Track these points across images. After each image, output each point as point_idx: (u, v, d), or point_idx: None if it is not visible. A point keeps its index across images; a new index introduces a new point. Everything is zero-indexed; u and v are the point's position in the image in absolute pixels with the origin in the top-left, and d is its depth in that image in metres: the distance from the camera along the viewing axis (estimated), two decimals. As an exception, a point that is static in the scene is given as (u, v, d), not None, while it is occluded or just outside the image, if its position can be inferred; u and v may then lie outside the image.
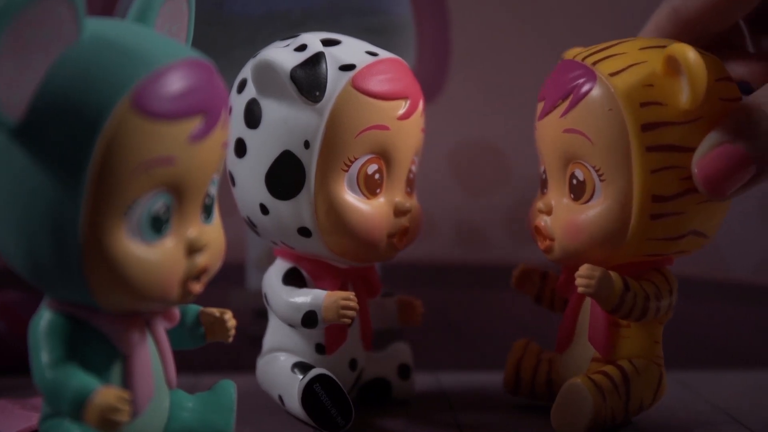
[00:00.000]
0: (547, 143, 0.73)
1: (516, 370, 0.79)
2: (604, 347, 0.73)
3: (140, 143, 0.50)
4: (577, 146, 0.70)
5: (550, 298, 0.80)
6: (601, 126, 0.68)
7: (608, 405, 0.70)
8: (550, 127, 0.72)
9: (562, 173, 0.72)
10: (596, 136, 0.68)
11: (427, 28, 0.95)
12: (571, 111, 0.70)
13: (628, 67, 0.68)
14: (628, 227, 0.68)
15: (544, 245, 0.73)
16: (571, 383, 0.71)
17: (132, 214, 0.51)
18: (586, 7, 0.96)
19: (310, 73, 0.69)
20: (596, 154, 0.69)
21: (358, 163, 0.71)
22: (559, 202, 0.72)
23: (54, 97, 0.50)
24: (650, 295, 0.70)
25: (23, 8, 0.47)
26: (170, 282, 0.53)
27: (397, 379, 0.79)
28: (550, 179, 0.73)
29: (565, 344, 0.76)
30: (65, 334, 0.54)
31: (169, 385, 0.60)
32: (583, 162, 0.70)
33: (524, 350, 0.79)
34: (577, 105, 0.69)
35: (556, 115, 0.71)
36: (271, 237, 0.74)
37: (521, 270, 0.80)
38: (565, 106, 0.70)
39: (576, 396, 0.70)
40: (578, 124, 0.69)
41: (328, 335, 0.74)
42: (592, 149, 0.69)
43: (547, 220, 0.73)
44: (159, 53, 0.52)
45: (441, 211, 0.96)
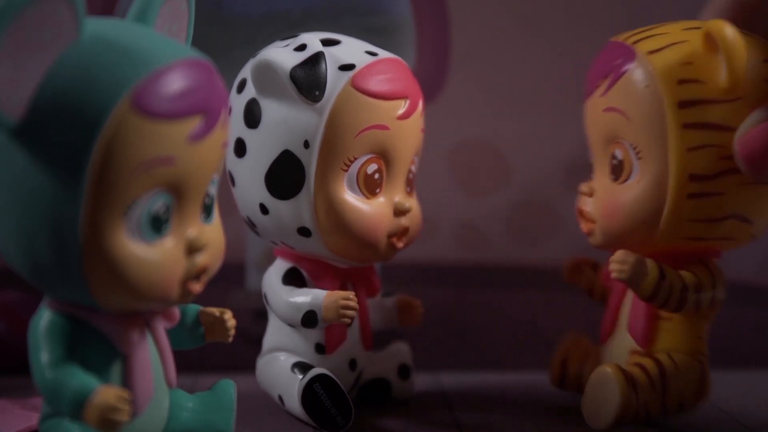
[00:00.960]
0: (591, 124, 0.73)
1: (562, 363, 0.78)
2: (642, 338, 0.72)
3: (140, 143, 0.50)
4: (616, 125, 0.69)
5: (602, 290, 0.79)
6: (638, 103, 0.68)
7: (641, 398, 0.69)
8: (593, 107, 0.72)
9: (605, 154, 0.71)
10: (633, 113, 0.68)
11: (427, 28, 0.95)
12: (611, 89, 0.69)
13: (667, 46, 0.68)
14: (665, 206, 0.68)
15: (587, 228, 0.72)
16: (599, 371, 0.70)
17: (132, 213, 0.51)
18: (587, 8, 0.96)
19: (309, 72, 0.69)
20: (633, 132, 0.68)
21: (357, 162, 0.71)
22: (601, 183, 0.72)
23: (54, 97, 0.50)
24: (689, 286, 0.69)
25: (23, 8, 0.47)
26: (170, 282, 0.53)
27: (397, 379, 0.79)
28: (595, 162, 0.73)
29: (607, 335, 0.75)
30: (65, 334, 0.54)
31: (169, 385, 0.60)
32: (621, 140, 0.69)
33: (573, 344, 0.79)
34: (616, 83, 0.69)
35: (597, 95, 0.71)
36: (270, 237, 0.74)
37: (572, 263, 0.79)
38: (605, 85, 0.70)
39: (603, 384, 0.69)
40: (617, 102, 0.69)
41: (327, 335, 0.74)
42: (630, 126, 0.68)
43: (589, 202, 0.72)
44: (159, 53, 0.52)
45: (441, 211, 0.96)
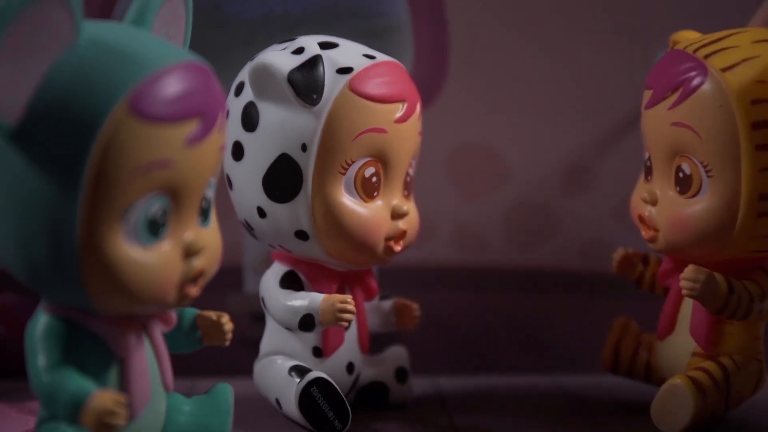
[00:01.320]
0: (654, 134, 0.72)
1: (615, 349, 0.79)
2: (706, 342, 0.72)
3: (137, 146, 0.50)
4: (685, 140, 0.69)
5: (651, 282, 0.79)
6: (710, 122, 0.68)
7: (709, 403, 0.70)
8: (658, 118, 0.71)
9: (669, 165, 0.71)
10: (705, 132, 0.68)
11: (425, 31, 0.95)
12: (681, 104, 0.69)
13: (740, 62, 0.68)
14: (735, 224, 0.68)
15: (648, 235, 0.73)
16: (672, 384, 0.70)
17: (129, 217, 0.51)
18: (585, 11, 0.96)
19: (307, 76, 0.69)
20: (704, 150, 0.68)
21: (355, 166, 0.71)
22: (665, 193, 0.72)
23: (51, 100, 0.49)
24: (755, 297, 0.70)
25: (20, 11, 0.47)
26: (167, 285, 0.53)
27: (395, 382, 0.79)
28: (656, 169, 0.73)
29: (666, 332, 0.76)
30: (62, 338, 0.54)
31: (166, 389, 0.60)
32: (690, 156, 0.70)
33: (624, 329, 0.80)
34: (686, 99, 0.69)
35: (664, 106, 0.71)
36: (268, 240, 0.74)
37: (622, 255, 0.80)
38: (674, 98, 0.70)
39: (677, 397, 0.70)
40: (687, 119, 0.69)
41: (325, 338, 0.74)
42: (701, 144, 0.68)
43: (652, 210, 0.73)
44: (156, 56, 0.52)
45: (438, 214, 0.96)
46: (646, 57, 0.96)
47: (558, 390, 0.86)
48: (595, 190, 0.97)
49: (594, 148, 0.97)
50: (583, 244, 0.98)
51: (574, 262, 0.98)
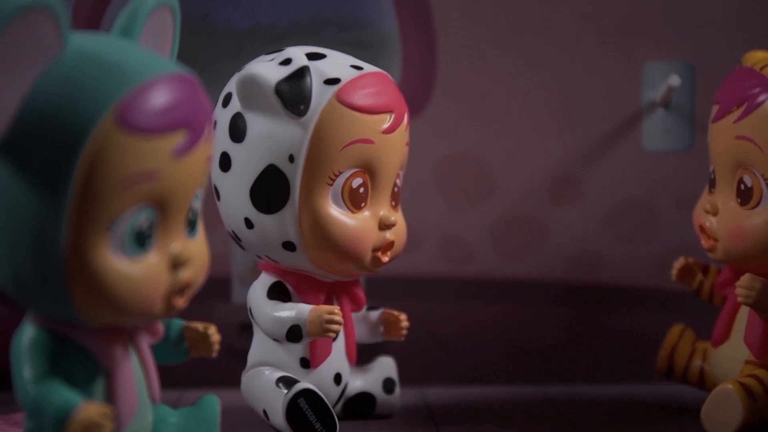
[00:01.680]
0: (719, 147, 0.75)
1: (671, 355, 0.81)
2: (759, 351, 0.74)
3: (124, 158, 0.50)
4: (747, 153, 0.72)
5: (710, 291, 0.81)
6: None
7: (759, 408, 0.72)
8: (723, 131, 0.74)
9: (731, 177, 0.74)
10: (767, 146, 0.71)
11: (413, 43, 0.96)
12: (745, 118, 0.72)
13: None
14: None
15: (708, 245, 0.75)
16: (722, 388, 0.72)
17: (115, 229, 0.51)
18: (572, 23, 0.97)
19: (294, 87, 0.69)
20: (766, 163, 0.71)
21: (342, 176, 0.71)
22: (726, 204, 0.74)
23: (37, 112, 0.49)
24: None
25: (6, 23, 0.47)
26: (153, 297, 0.53)
27: (382, 393, 0.79)
28: (719, 181, 0.75)
29: (721, 340, 0.78)
30: (48, 350, 0.53)
31: (153, 400, 0.59)
32: (752, 169, 0.72)
33: (680, 336, 0.82)
34: (751, 113, 0.72)
35: (729, 120, 0.73)
36: (255, 251, 0.74)
37: (683, 264, 0.81)
38: (739, 113, 0.72)
39: (727, 401, 0.71)
40: (751, 132, 0.72)
41: (312, 349, 0.74)
42: (763, 158, 0.71)
43: (712, 220, 0.75)
44: (142, 68, 0.52)
45: (426, 224, 0.96)
46: (632, 69, 0.97)
47: (545, 401, 0.86)
48: (582, 201, 0.97)
49: (581, 159, 0.97)
50: (570, 255, 0.98)
51: (562, 273, 0.98)
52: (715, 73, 0.86)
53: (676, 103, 0.97)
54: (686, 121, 0.96)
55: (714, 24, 0.96)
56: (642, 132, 0.97)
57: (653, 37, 0.96)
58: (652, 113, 0.97)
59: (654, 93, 0.97)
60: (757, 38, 0.94)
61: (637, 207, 0.97)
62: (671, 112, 0.97)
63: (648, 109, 0.97)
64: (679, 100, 0.97)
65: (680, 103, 0.97)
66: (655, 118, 0.97)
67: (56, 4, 0.49)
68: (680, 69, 0.96)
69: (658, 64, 0.97)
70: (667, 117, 0.97)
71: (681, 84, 0.95)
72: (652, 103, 0.97)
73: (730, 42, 0.96)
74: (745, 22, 0.96)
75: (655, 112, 0.97)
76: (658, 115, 0.97)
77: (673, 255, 0.83)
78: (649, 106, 0.97)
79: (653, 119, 0.97)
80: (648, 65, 0.97)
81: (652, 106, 0.97)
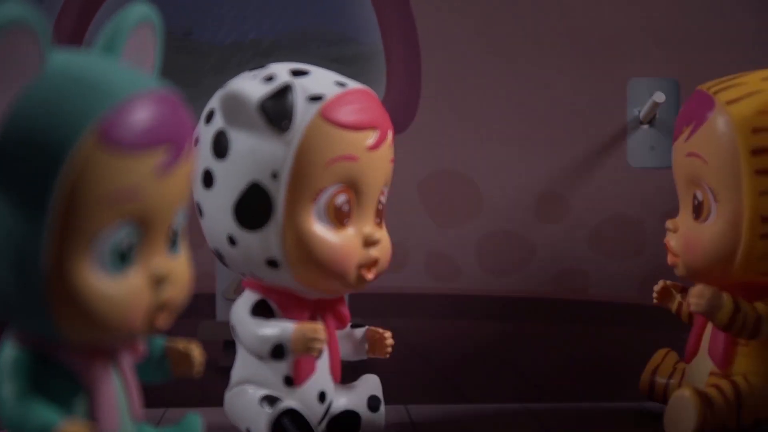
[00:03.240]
0: (676, 167, 0.78)
1: (652, 376, 0.83)
2: (720, 362, 0.77)
3: (104, 176, 0.49)
4: (697, 169, 0.75)
5: (688, 312, 0.83)
6: (715, 149, 0.73)
7: (717, 415, 0.74)
8: (678, 151, 0.77)
9: (687, 194, 0.77)
10: (711, 159, 0.74)
11: (398, 59, 0.96)
12: (693, 136, 0.75)
13: (745, 96, 0.73)
14: (740, 245, 0.73)
15: (672, 261, 0.78)
16: (678, 394, 0.75)
17: (96, 246, 0.51)
18: (558, 39, 0.97)
19: (278, 104, 0.69)
20: (711, 176, 0.74)
21: (326, 193, 0.70)
22: (684, 222, 0.77)
23: (18, 130, 0.49)
24: (763, 317, 0.74)
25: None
26: (135, 314, 0.53)
27: (367, 411, 0.79)
28: (681, 201, 0.78)
29: (692, 355, 0.80)
30: (29, 369, 0.53)
31: (135, 419, 0.59)
32: (702, 183, 0.75)
33: (663, 358, 0.84)
34: (697, 130, 0.74)
35: (681, 140, 0.77)
36: (239, 268, 0.73)
37: (661, 286, 0.83)
38: (688, 131, 0.75)
39: (682, 406, 0.74)
40: (697, 148, 0.75)
41: (296, 367, 0.74)
42: (708, 171, 0.74)
43: (673, 237, 0.78)
44: (123, 86, 0.51)
45: (412, 241, 0.96)
46: (617, 87, 0.97)
47: (531, 418, 0.86)
48: (568, 218, 0.97)
49: (566, 175, 0.97)
50: (557, 271, 0.98)
51: (548, 289, 0.98)
52: (699, 90, 0.86)
53: (661, 120, 0.97)
54: (671, 138, 0.96)
55: (698, 41, 0.97)
56: (627, 148, 0.97)
57: (638, 54, 0.97)
58: (637, 130, 0.97)
59: (639, 109, 0.97)
60: (739, 55, 0.94)
61: (623, 223, 0.97)
62: (656, 128, 0.97)
63: (633, 125, 0.97)
64: (664, 117, 0.97)
65: (665, 120, 0.97)
66: (640, 134, 0.97)
67: (37, 22, 0.49)
68: (665, 85, 0.96)
69: (643, 80, 0.97)
70: (652, 134, 0.97)
71: (665, 100, 0.95)
72: (636, 120, 0.97)
73: (714, 58, 0.96)
74: (728, 39, 0.96)
75: (639, 129, 0.97)
76: (643, 131, 0.97)
77: (659, 271, 0.83)
78: (633, 123, 0.97)
79: (638, 136, 0.97)
80: (633, 81, 0.97)
81: (637, 123, 0.97)
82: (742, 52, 0.94)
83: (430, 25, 0.96)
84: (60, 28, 0.90)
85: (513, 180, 0.98)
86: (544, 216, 0.98)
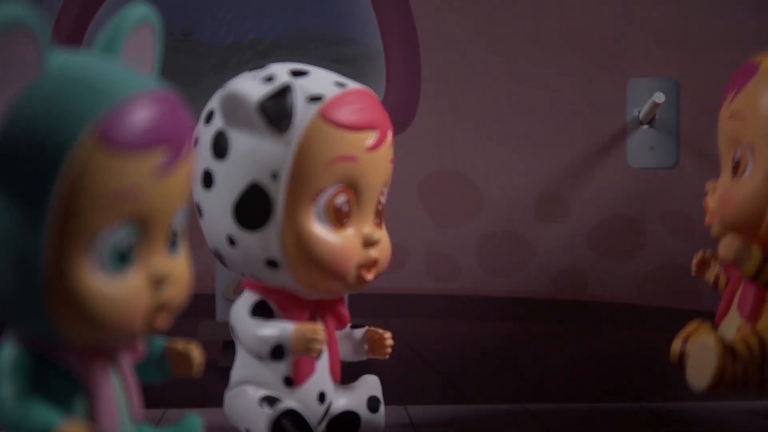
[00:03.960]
0: (720, 132, 0.79)
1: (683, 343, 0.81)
2: (749, 315, 0.76)
3: (104, 176, 0.49)
4: (737, 128, 0.76)
5: (726, 282, 0.82)
6: (754, 105, 0.74)
7: (738, 366, 0.73)
8: (722, 118, 0.78)
9: (728, 156, 0.77)
10: (750, 114, 0.74)
11: (397, 59, 0.96)
12: (735, 98, 0.76)
13: None
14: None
15: (708, 221, 0.78)
16: (700, 338, 0.75)
17: (95, 246, 0.51)
18: (558, 39, 0.97)
19: (277, 104, 0.69)
20: (750, 131, 0.74)
21: (326, 194, 0.70)
22: (723, 182, 0.78)
23: (17, 131, 0.49)
24: None
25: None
26: (134, 314, 0.53)
27: (367, 412, 0.79)
28: (723, 165, 0.78)
29: (722, 316, 0.80)
30: (28, 369, 0.53)
31: (135, 420, 0.59)
32: (741, 141, 0.75)
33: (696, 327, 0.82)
34: (740, 92, 0.76)
35: (726, 105, 0.77)
36: (239, 269, 0.73)
37: (700, 257, 0.83)
38: (732, 95, 0.76)
39: (702, 350, 0.74)
40: (739, 107, 0.76)
41: (296, 368, 0.74)
42: (747, 127, 0.75)
43: (712, 198, 0.78)
44: (122, 86, 0.51)
45: (412, 241, 0.96)
46: (617, 87, 0.97)
47: (531, 419, 0.86)
48: (567, 218, 0.97)
49: (566, 176, 0.97)
50: (557, 272, 0.98)
51: (548, 289, 0.98)
52: (699, 89, 0.86)
53: (661, 120, 0.97)
54: (671, 138, 0.96)
55: (698, 41, 0.97)
56: (627, 149, 0.97)
57: (638, 54, 0.97)
58: (637, 130, 0.97)
59: (639, 110, 0.97)
60: (740, 55, 0.94)
61: (623, 223, 0.97)
62: (656, 128, 0.97)
63: (633, 126, 0.97)
64: (664, 117, 0.97)
65: (665, 120, 0.97)
66: (640, 135, 0.97)
67: (36, 23, 0.49)
68: (665, 86, 0.96)
69: (643, 80, 0.97)
70: (652, 134, 0.97)
71: (665, 101, 0.95)
72: (636, 120, 0.97)
73: (714, 58, 0.96)
74: (728, 39, 0.96)
75: (639, 129, 0.97)
76: (642, 132, 0.97)
77: (659, 271, 0.83)
78: (633, 123, 0.97)
79: (638, 136, 0.97)
80: (632, 82, 0.97)
81: (637, 123, 0.97)
82: (742, 52, 0.94)
83: (430, 25, 0.96)
84: (59, 28, 0.90)
85: (513, 180, 0.98)
86: (544, 216, 0.98)
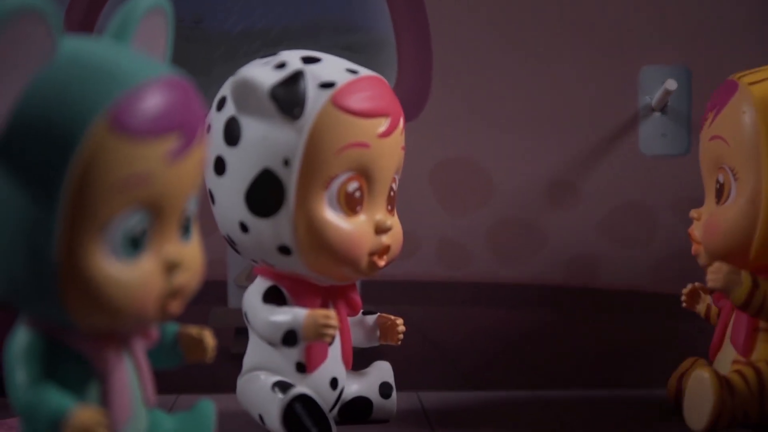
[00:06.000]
0: (701, 155, 0.78)
1: (679, 382, 0.82)
2: (743, 348, 0.76)
3: (116, 162, 0.50)
4: (719, 151, 0.75)
5: (717, 314, 0.82)
6: (736, 129, 0.73)
7: (738, 402, 0.73)
8: (702, 139, 0.77)
9: (711, 180, 0.77)
10: (732, 138, 0.73)
11: (408, 46, 0.95)
12: (716, 119, 0.75)
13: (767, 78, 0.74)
14: (758, 224, 0.73)
15: (695, 250, 0.77)
16: (695, 374, 0.74)
17: (108, 232, 0.51)
18: (569, 27, 0.97)
19: (289, 90, 0.69)
20: (732, 155, 0.73)
21: (338, 180, 0.70)
22: (707, 208, 0.77)
23: (29, 117, 0.49)
24: None
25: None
26: (147, 300, 0.53)
27: (379, 398, 0.79)
28: (706, 189, 0.78)
29: (716, 350, 0.79)
30: (42, 354, 0.53)
31: (148, 405, 0.59)
32: (723, 165, 0.75)
33: (691, 365, 0.82)
34: (720, 113, 0.75)
35: (706, 127, 0.77)
36: (251, 255, 0.74)
37: (691, 289, 0.83)
38: (712, 116, 0.76)
39: (699, 387, 0.73)
40: (720, 130, 0.75)
41: (308, 354, 0.74)
42: (729, 151, 0.74)
43: (698, 226, 0.77)
44: (135, 71, 0.51)
45: (423, 228, 0.96)
46: (628, 74, 0.97)
47: (543, 405, 0.86)
48: (579, 205, 0.97)
49: (578, 163, 0.97)
50: (568, 259, 0.97)
51: (559, 277, 0.98)
52: (711, 77, 0.86)
53: (673, 107, 0.97)
54: (683, 125, 0.96)
55: (710, 28, 0.96)
56: (639, 136, 0.97)
57: (650, 42, 0.96)
58: (649, 117, 0.97)
59: (650, 97, 0.97)
60: (752, 43, 0.94)
61: (635, 211, 0.97)
62: (668, 116, 0.97)
63: (645, 113, 0.97)
64: (676, 104, 0.96)
65: (677, 107, 0.97)
66: (652, 122, 0.97)
67: (48, 8, 0.49)
68: (677, 73, 0.96)
69: (655, 68, 0.97)
70: (664, 121, 0.97)
71: (677, 88, 0.95)
72: (648, 107, 0.97)
73: (726, 46, 0.96)
74: (740, 26, 0.96)
75: (651, 116, 0.97)
76: (654, 119, 0.97)
77: (671, 259, 0.83)
78: (645, 111, 0.97)
79: (650, 123, 0.97)
80: (645, 69, 0.97)
81: (649, 111, 0.97)
82: (754, 40, 0.94)
83: (441, 13, 0.96)
84: (71, 15, 0.90)
85: (524, 168, 0.97)
86: (556, 204, 0.98)
